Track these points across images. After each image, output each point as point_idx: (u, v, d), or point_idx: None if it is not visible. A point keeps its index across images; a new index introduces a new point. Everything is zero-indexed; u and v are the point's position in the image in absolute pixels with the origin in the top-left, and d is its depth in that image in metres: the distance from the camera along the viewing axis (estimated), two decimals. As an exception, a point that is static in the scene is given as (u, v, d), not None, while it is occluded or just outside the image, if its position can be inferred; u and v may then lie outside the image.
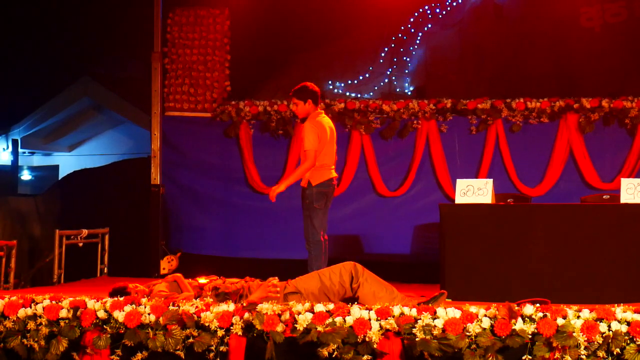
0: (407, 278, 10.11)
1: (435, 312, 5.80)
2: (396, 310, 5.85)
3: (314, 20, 12.39)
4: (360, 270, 6.99)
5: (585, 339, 5.56)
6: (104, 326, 6.14)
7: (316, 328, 5.80)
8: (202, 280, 7.39)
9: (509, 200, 9.01)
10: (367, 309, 5.90)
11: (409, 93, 12.72)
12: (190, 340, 5.98)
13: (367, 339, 5.74)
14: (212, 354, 5.97)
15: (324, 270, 7.14)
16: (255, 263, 10.99)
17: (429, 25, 12.78)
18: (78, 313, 6.20)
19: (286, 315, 5.89)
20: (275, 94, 12.20)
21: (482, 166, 11.07)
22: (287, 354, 5.95)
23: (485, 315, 5.73)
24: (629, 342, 5.59)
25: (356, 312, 5.86)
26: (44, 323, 6.25)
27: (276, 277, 7.18)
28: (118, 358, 6.11)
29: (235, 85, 11.89)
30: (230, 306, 6.07)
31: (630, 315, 5.65)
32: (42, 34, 18.89)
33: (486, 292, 7.80)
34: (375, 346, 5.74)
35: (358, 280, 6.90)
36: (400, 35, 12.78)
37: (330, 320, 5.83)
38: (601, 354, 5.60)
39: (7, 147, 19.50)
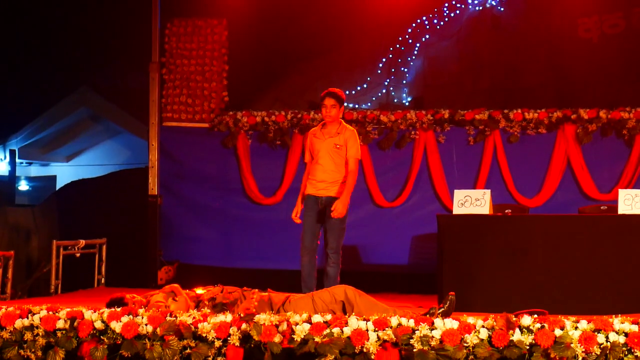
0: (405, 289, 10.13)
1: (433, 323, 5.79)
2: (394, 321, 5.84)
3: (312, 31, 12.42)
4: (352, 296, 6.88)
5: (583, 350, 5.55)
6: (101, 337, 6.12)
7: (314, 339, 5.79)
8: (200, 290, 7.38)
9: (506, 211, 9.01)
10: (364, 319, 5.89)
11: (407, 103, 12.73)
12: (188, 351, 5.96)
13: (364, 350, 5.73)
14: (209, 365, 5.96)
15: (316, 298, 7.01)
16: (253, 273, 10.98)
17: (427, 36, 12.81)
18: (75, 324, 6.18)
19: (283, 326, 5.88)
20: (273, 104, 12.22)
21: (479, 177, 11.07)
22: (285, 364, 5.94)
23: (483, 326, 5.72)
24: (626, 353, 5.58)
25: (354, 322, 5.84)
26: (40, 334, 6.23)
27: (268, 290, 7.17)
28: (115, 369, 6.11)
29: (233, 95, 11.90)
30: (227, 317, 6.06)
31: (628, 327, 5.64)
32: (40, 45, 18.90)
33: (484, 303, 7.81)
34: (372, 357, 5.72)
35: (352, 310, 6.79)
36: (398, 46, 12.81)
37: (327, 331, 5.82)
38: (599, 365, 5.60)
39: (5, 158, 19.46)
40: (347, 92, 12.64)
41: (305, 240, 8.52)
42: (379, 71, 12.83)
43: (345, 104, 12.28)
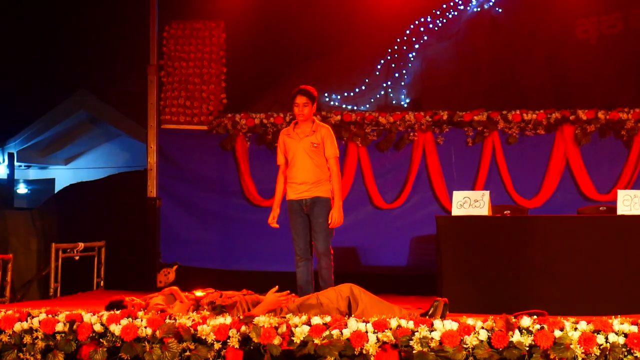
0: (404, 290, 10.10)
1: (432, 325, 5.79)
2: (393, 322, 5.84)
3: (310, 33, 12.40)
4: (357, 293, 6.87)
5: (583, 351, 5.55)
6: (101, 340, 6.12)
7: (313, 341, 5.79)
8: (199, 293, 7.38)
9: (505, 212, 9.01)
10: (364, 321, 5.89)
11: (405, 105, 12.72)
12: (187, 353, 5.96)
13: (364, 352, 5.73)
14: (208, 367, 5.96)
15: (321, 296, 7.00)
16: (252, 275, 10.98)
17: (425, 38, 12.80)
18: (74, 327, 6.18)
19: (283, 328, 5.87)
20: (272, 106, 12.20)
21: (478, 178, 11.08)
22: (284, 366, 5.93)
23: (483, 328, 5.71)
24: (626, 354, 5.58)
25: (353, 324, 5.84)
26: (40, 337, 6.23)
27: (277, 287, 7.11)
28: (114, 372, 6.10)
29: (231, 98, 11.90)
30: (226, 319, 6.05)
31: (627, 327, 5.64)
32: (39, 48, 18.91)
33: (483, 304, 7.81)
34: (372, 359, 5.72)
35: (358, 307, 6.78)
36: (396, 47, 12.80)
37: (327, 332, 5.82)
38: (598, 366, 5.59)
39: (3, 161, 19.47)
40: (346, 94, 12.65)
41: (298, 248, 8.36)
42: (378, 73, 12.81)
43: (344, 106, 12.34)
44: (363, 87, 12.83)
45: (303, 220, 8.34)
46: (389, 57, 12.82)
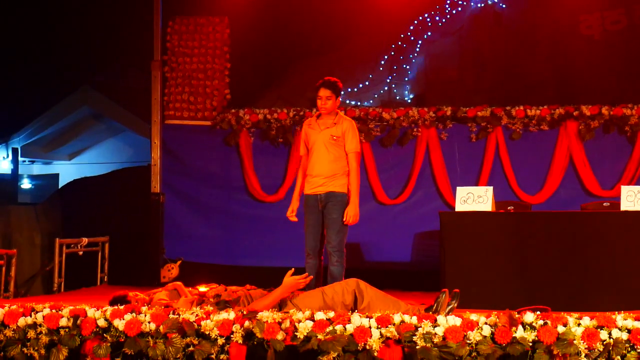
0: (408, 286, 10.10)
1: (435, 320, 5.79)
2: (397, 318, 5.84)
3: (313, 28, 12.40)
4: (364, 288, 6.87)
5: (586, 346, 5.55)
6: (104, 335, 6.13)
7: (316, 336, 5.79)
8: (202, 288, 7.39)
9: (509, 208, 9.01)
10: (367, 317, 5.89)
11: (409, 101, 12.72)
12: (191, 348, 5.96)
13: (367, 347, 5.73)
14: (212, 362, 5.97)
15: (327, 289, 6.96)
16: (256, 271, 10.97)
17: (429, 33, 12.79)
18: (78, 322, 6.18)
19: (286, 324, 5.87)
20: (275, 102, 12.20)
21: (482, 174, 11.07)
22: (288, 362, 5.94)
23: (486, 323, 5.72)
24: (629, 349, 5.58)
25: (357, 320, 5.84)
26: (44, 332, 6.24)
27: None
28: (118, 366, 6.11)
29: (235, 93, 11.90)
30: (230, 314, 6.06)
31: (630, 323, 5.64)
32: (42, 44, 18.92)
33: (487, 300, 7.79)
34: (375, 354, 5.73)
35: (363, 301, 6.77)
36: (400, 43, 12.79)
37: (330, 328, 5.82)
38: (602, 361, 5.60)
39: (7, 156, 19.51)
40: (350, 90, 12.64)
41: (308, 243, 8.19)
42: (381, 68, 12.81)
43: (348, 102, 12.32)
44: (367, 83, 12.83)
45: (317, 218, 8.18)
46: (392, 53, 12.82)
